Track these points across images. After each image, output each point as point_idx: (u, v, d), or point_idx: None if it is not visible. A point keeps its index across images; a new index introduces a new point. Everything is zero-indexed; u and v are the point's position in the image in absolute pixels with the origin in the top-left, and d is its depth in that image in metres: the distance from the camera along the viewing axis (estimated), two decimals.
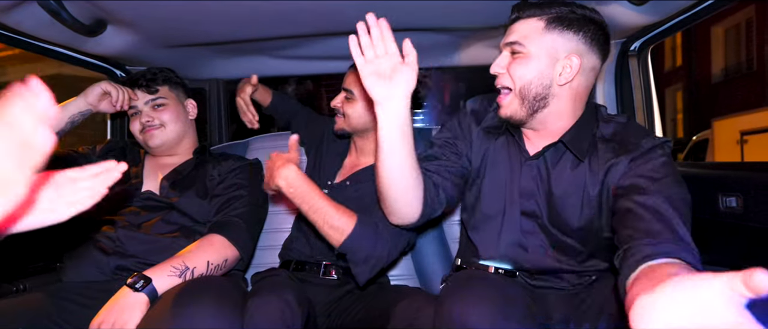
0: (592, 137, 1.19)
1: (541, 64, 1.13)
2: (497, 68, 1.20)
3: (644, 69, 1.71)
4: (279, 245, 1.74)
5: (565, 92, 1.16)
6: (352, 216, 1.30)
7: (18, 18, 1.34)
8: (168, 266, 1.23)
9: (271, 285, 1.32)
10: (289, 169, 1.32)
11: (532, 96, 1.15)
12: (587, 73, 1.17)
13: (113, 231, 1.42)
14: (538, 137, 1.24)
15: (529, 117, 1.18)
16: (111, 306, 1.14)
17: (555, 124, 1.19)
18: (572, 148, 1.17)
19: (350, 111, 1.57)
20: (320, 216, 1.29)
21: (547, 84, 1.14)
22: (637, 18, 1.47)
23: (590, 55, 1.15)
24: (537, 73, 1.14)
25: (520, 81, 1.15)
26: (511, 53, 1.18)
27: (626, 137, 1.16)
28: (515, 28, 1.17)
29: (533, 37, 1.14)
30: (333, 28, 1.72)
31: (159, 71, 1.62)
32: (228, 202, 1.50)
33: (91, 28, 1.50)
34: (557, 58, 1.13)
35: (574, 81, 1.15)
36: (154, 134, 1.56)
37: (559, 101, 1.16)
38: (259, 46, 1.90)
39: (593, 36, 1.14)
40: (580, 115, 1.20)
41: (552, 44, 1.13)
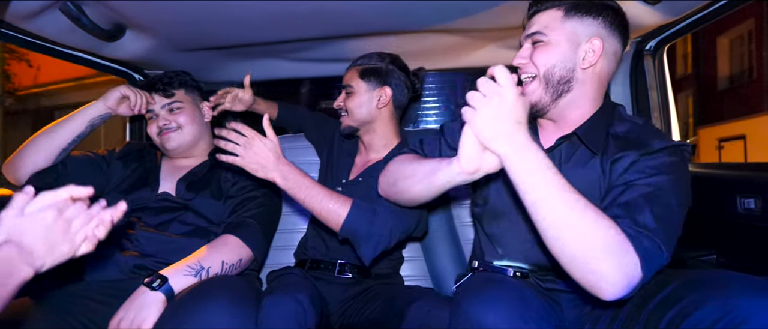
0: (607, 133, 1.18)
1: (563, 49, 1.15)
2: (520, 59, 1.21)
3: (660, 69, 1.69)
4: (293, 245, 1.76)
5: (588, 77, 1.16)
6: (348, 200, 1.32)
7: (41, 24, 1.37)
8: (184, 265, 1.26)
9: (285, 285, 1.34)
10: (284, 164, 1.31)
11: (557, 80, 1.16)
12: (609, 58, 1.17)
13: (132, 232, 1.45)
14: (555, 129, 1.23)
15: (553, 103, 1.18)
16: (129, 304, 1.16)
17: (574, 113, 1.19)
18: (586, 140, 1.16)
19: (352, 105, 1.62)
20: (317, 202, 1.31)
21: (570, 67, 1.15)
22: (652, 17, 1.45)
23: (611, 39, 1.16)
24: (560, 57, 1.15)
25: (543, 67, 1.16)
26: (532, 44, 1.19)
27: (640, 136, 1.15)
28: (535, 21, 1.19)
29: (553, 26, 1.15)
30: (346, 31, 1.73)
31: (175, 75, 1.65)
32: (242, 203, 1.52)
33: (110, 33, 1.53)
34: (579, 43, 1.14)
35: (598, 65, 1.16)
36: (170, 136, 1.59)
37: (583, 87, 1.17)
38: (273, 50, 1.92)
39: (612, 21, 1.16)
40: (598, 107, 1.20)
41: (572, 30, 1.14)
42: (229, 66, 2.13)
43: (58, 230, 0.86)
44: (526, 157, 0.93)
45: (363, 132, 1.66)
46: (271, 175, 1.29)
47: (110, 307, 1.24)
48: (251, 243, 1.41)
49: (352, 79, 1.64)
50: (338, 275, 1.56)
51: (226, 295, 1.11)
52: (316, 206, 1.31)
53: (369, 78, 1.62)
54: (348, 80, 1.65)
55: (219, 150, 1.69)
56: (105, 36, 1.52)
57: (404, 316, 1.24)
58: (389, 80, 1.63)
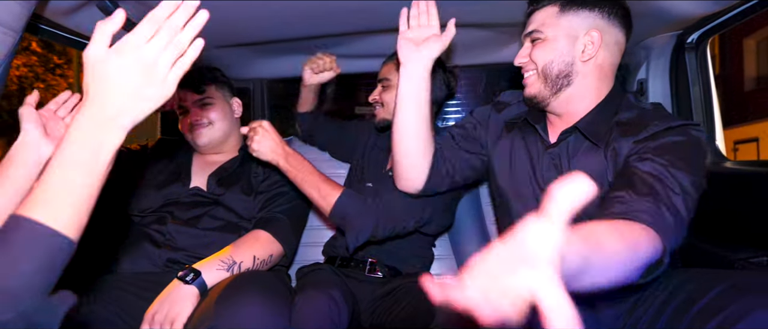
0: (611, 122, 1.16)
1: (561, 44, 1.15)
2: (520, 59, 1.24)
3: (702, 63, 1.62)
4: (321, 242, 1.76)
5: (589, 69, 1.16)
6: (340, 188, 1.42)
7: (78, 20, 1.40)
8: (217, 260, 1.26)
9: (317, 281, 1.34)
10: (290, 153, 1.44)
11: (555, 74, 1.16)
12: (611, 48, 1.17)
13: (163, 226, 1.47)
14: (561, 123, 1.23)
15: (553, 97, 1.19)
16: (164, 298, 1.17)
17: (578, 106, 1.19)
18: (587, 132, 1.15)
19: (388, 99, 1.62)
20: (312, 187, 1.41)
21: (569, 61, 1.15)
22: (695, 7, 1.39)
23: (611, 30, 1.16)
24: (557, 53, 1.16)
25: (541, 62, 1.17)
26: (531, 42, 1.21)
27: (643, 120, 1.12)
28: (532, 19, 1.21)
29: (550, 23, 1.16)
30: (374, 26, 1.72)
31: (206, 71, 1.66)
32: (272, 199, 1.53)
33: None
34: (577, 36, 1.15)
35: (599, 56, 1.15)
36: (201, 132, 1.60)
37: (584, 79, 1.16)
38: (302, 46, 1.92)
39: (610, 11, 1.15)
40: (602, 97, 1.19)
41: (569, 25, 1.15)
42: (259, 62, 2.14)
43: (142, 69, 0.70)
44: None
45: None
46: (275, 158, 1.41)
47: (143, 299, 1.25)
48: (281, 239, 1.42)
49: (389, 72, 1.63)
50: (368, 274, 1.55)
51: (260, 291, 1.11)
52: (310, 190, 1.41)
53: None
54: (385, 73, 1.64)
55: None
56: None
57: (435, 315, 1.22)
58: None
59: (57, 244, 0.64)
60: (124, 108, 0.69)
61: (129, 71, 0.69)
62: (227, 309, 1.06)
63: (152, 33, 0.71)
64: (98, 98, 0.68)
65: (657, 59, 1.67)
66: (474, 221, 1.82)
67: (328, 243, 1.72)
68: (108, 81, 0.68)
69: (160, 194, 1.54)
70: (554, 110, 1.22)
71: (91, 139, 0.67)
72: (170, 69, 0.72)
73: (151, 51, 0.70)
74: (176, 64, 0.73)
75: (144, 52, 0.70)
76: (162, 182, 1.58)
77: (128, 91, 0.69)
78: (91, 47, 0.69)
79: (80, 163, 0.66)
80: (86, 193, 0.66)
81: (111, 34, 0.71)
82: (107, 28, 0.70)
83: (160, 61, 0.71)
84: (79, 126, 0.67)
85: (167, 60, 0.72)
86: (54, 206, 0.64)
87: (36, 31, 1.36)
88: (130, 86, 0.69)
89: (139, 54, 0.69)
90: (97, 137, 0.67)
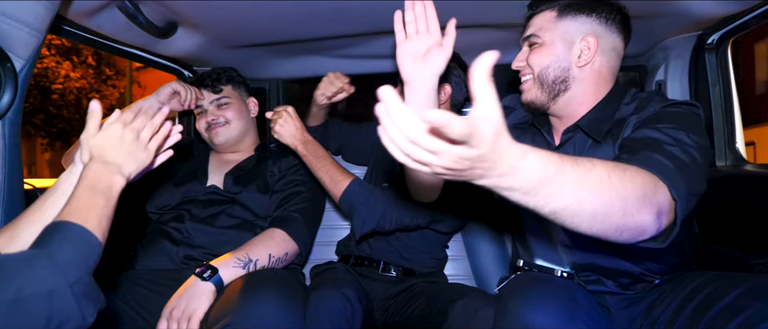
0: (613, 119, 1.16)
1: (557, 49, 1.16)
2: (517, 63, 1.24)
3: (723, 65, 1.59)
4: (336, 241, 1.76)
5: (586, 74, 1.16)
6: (350, 176, 1.48)
7: (99, 21, 1.43)
8: (233, 257, 1.28)
9: (331, 280, 1.35)
10: (309, 139, 1.51)
11: (551, 80, 1.17)
12: (608, 54, 1.17)
13: (181, 224, 1.49)
14: (563, 124, 1.23)
15: (551, 101, 1.19)
16: (181, 294, 1.19)
17: (578, 109, 1.19)
18: (589, 130, 1.16)
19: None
20: (325, 173, 1.48)
21: (565, 67, 1.16)
22: (716, 8, 1.37)
23: (608, 35, 1.16)
24: (553, 58, 1.16)
25: (537, 67, 1.18)
26: (529, 46, 1.21)
27: (642, 104, 1.13)
28: (531, 24, 1.22)
29: (547, 27, 1.17)
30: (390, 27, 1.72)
31: (223, 71, 1.69)
32: (288, 198, 1.54)
33: (163, 30, 1.58)
34: (573, 41, 1.15)
35: (595, 61, 1.16)
36: (218, 131, 1.62)
37: (582, 84, 1.17)
38: (318, 46, 1.93)
39: (607, 16, 1.15)
40: (602, 97, 1.19)
41: (566, 30, 1.16)
42: (275, 63, 2.16)
43: (129, 141, 0.97)
44: (516, 180, 0.68)
45: None
46: (295, 142, 1.49)
47: (160, 295, 1.28)
48: (297, 238, 1.43)
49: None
50: (382, 273, 1.55)
51: (276, 289, 1.12)
52: (323, 176, 1.48)
53: None
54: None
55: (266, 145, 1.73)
56: (158, 33, 1.57)
57: (448, 314, 1.22)
58: (449, 78, 1.61)
59: (93, 242, 0.82)
60: (122, 163, 0.95)
61: (123, 140, 0.97)
62: (243, 305, 1.07)
63: (132, 118, 1.00)
64: (103, 156, 0.95)
65: (676, 60, 1.65)
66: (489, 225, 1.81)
67: (341, 242, 1.73)
68: (109, 147, 0.96)
69: (178, 192, 1.56)
70: (555, 113, 1.23)
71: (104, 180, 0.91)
72: (150, 142, 1.01)
73: (135, 127, 0.99)
74: (154, 138, 1.03)
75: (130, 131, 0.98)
76: (180, 180, 1.60)
77: (123, 153, 0.96)
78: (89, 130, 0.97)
79: (97, 192, 0.88)
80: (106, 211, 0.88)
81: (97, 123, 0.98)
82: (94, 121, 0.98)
83: (143, 136, 1.00)
84: (90, 174, 0.90)
85: (146, 135, 1.01)
86: (83, 215, 0.83)
87: (59, 32, 1.40)
88: (122, 150, 0.96)
89: (128, 133, 0.98)
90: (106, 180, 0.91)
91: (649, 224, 0.81)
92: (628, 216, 0.78)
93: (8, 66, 1.06)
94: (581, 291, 1.09)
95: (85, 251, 0.80)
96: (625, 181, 0.78)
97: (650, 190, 0.81)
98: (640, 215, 0.79)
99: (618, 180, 0.77)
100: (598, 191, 0.75)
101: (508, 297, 1.01)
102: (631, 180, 0.79)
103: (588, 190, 0.74)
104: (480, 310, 1.17)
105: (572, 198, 0.73)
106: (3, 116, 1.08)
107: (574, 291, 1.03)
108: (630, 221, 0.79)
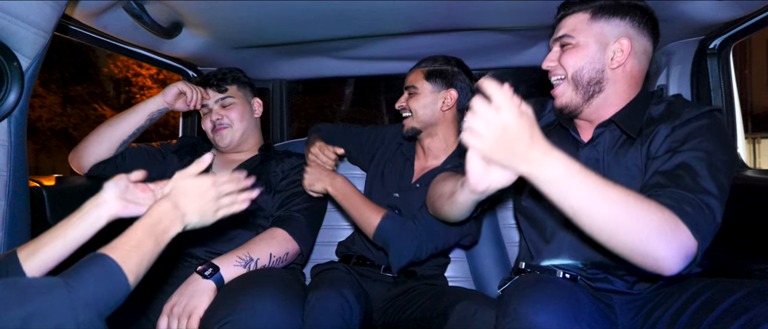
0: (644, 117, 1.17)
1: (591, 51, 1.16)
2: (549, 63, 1.23)
3: (725, 69, 1.59)
4: (337, 241, 1.77)
5: (619, 76, 1.17)
6: (381, 211, 1.46)
7: (105, 21, 1.44)
8: (234, 256, 1.29)
9: (330, 280, 1.35)
10: (337, 179, 1.52)
11: (586, 81, 1.17)
12: (639, 56, 1.18)
13: None
14: (591, 125, 1.24)
15: (585, 104, 1.19)
16: (182, 291, 1.20)
17: (609, 110, 1.19)
18: (623, 126, 1.16)
19: (416, 106, 1.60)
20: (356, 211, 1.48)
21: (599, 68, 1.16)
22: (719, 13, 1.37)
23: (640, 38, 1.16)
24: (588, 59, 1.16)
25: (572, 69, 1.18)
26: (560, 47, 1.21)
27: (670, 110, 1.15)
28: (563, 24, 1.21)
29: (581, 29, 1.17)
30: (393, 30, 1.73)
31: (228, 71, 1.70)
32: (290, 198, 1.55)
33: (168, 30, 1.59)
34: (607, 43, 1.15)
35: (627, 64, 1.16)
36: (223, 134, 1.64)
37: (614, 85, 1.17)
38: (322, 47, 1.95)
39: (640, 20, 1.16)
40: (633, 97, 1.20)
41: (600, 32, 1.16)
42: (280, 63, 2.17)
43: (209, 199, 0.99)
44: (550, 171, 0.85)
45: (424, 135, 1.64)
46: (323, 186, 1.52)
47: (162, 292, 1.29)
48: (298, 237, 1.44)
49: (416, 80, 1.61)
50: (383, 273, 1.56)
51: (274, 287, 1.13)
52: (354, 213, 1.48)
53: (435, 80, 1.60)
54: (412, 81, 1.62)
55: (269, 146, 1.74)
56: (163, 34, 1.59)
57: (448, 316, 1.23)
58: (455, 83, 1.60)
59: (121, 282, 0.81)
60: (189, 213, 0.97)
61: (204, 196, 0.99)
62: (243, 304, 1.09)
63: (225, 181, 1.03)
64: (180, 201, 0.96)
65: (678, 65, 1.65)
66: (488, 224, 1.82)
67: (342, 243, 1.74)
68: (189, 195, 0.97)
69: None
70: (586, 117, 1.23)
71: (164, 223, 0.92)
72: (222, 208, 1.03)
73: (218, 191, 1.01)
74: (225, 207, 1.04)
75: (215, 190, 1.01)
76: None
77: (196, 206, 0.98)
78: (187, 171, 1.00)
79: (152, 234, 0.89)
80: (149, 256, 0.88)
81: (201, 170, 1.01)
82: (198, 167, 1.01)
83: (221, 201, 1.02)
84: (160, 209, 0.93)
85: (225, 202, 1.03)
86: (127, 255, 0.84)
87: (66, 31, 1.42)
88: (198, 203, 0.98)
89: (213, 191, 1.00)
90: (166, 223, 0.93)
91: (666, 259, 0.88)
92: (639, 241, 0.86)
93: (15, 65, 1.08)
94: (584, 293, 1.10)
95: (110, 291, 0.79)
96: (643, 208, 0.87)
97: (670, 229, 0.88)
98: (655, 245, 0.87)
99: (635, 204, 0.87)
100: (613, 202, 0.86)
101: (511, 297, 1.01)
102: (650, 211, 0.87)
103: (602, 196, 0.85)
104: (479, 313, 1.18)
105: (588, 199, 0.85)
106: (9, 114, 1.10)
107: (576, 292, 1.04)
108: (640, 247, 0.87)
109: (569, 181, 0.85)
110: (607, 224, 0.87)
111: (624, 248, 0.88)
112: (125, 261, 0.82)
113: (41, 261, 0.92)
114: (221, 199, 1.02)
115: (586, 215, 0.87)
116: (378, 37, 1.82)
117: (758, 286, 0.92)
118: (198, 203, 0.98)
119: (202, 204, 0.98)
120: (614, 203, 0.86)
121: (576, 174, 0.85)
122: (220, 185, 1.01)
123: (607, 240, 0.89)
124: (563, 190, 0.86)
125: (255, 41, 1.84)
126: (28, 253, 0.92)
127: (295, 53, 2.04)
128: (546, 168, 0.85)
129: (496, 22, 1.66)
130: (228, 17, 1.57)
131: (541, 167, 0.85)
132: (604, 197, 0.86)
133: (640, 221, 0.86)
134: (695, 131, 1.06)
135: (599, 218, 0.86)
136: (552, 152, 0.85)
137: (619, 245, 0.88)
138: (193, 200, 0.97)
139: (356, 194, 1.51)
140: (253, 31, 1.72)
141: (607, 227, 0.87)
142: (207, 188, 0.99)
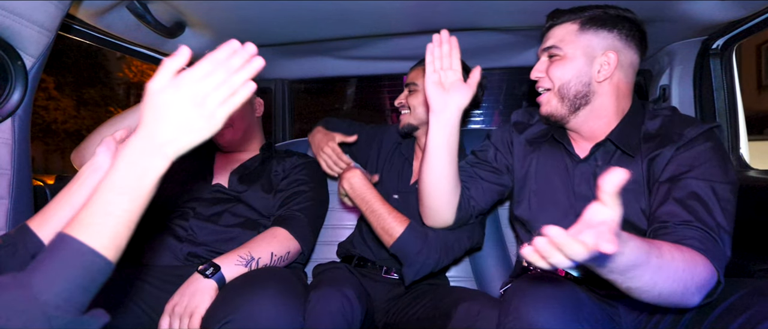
0: (640, 133, 1.18)
1: (579, 63, 1.17)
2: (536, 73, 1.25)
3: (728, 70, 1.59)
4: (337, 241, 1.77)
5: (605, 89, 1.18)
6: (404, 222, 1.40)
7: (108, 21, 1.45)
8: (235, 255, 1.29)
9: (332, 279, 1.35)
10: (355, 176, 1.48)
11: (573, 94, 1.18)
12: (626, 69, 1.19)
13: (186, 221, 1.51)
14: (584, 140, 1.24)
15: (571, 115, 1.21)
16: (184, 290, 1.21)
17: (598, 122, 1.20)
18: (620, 143, 1.17)
19: (415, 103, 1.61)
20: (376, 218, 1.42)
21: (586, 81, 1.17)
22: (722, 13, 1.37)
23: (627, 51, 1.17)
24: (575, 72, 1.17)
25: (558, 81, 1.19)
26: (548, 57, 1.22)
27: (671, 128, 1.15)
28: (551, 34, 1.22)
29: (569, 40, 1.18)
30: (395, 29, 1.73)
31: None
32: (291, 197, 1.56)
33: (171, 30, 1.60)
34: (594, 56, 1.16)
35: (614, 77, 1.17)
36: (223, 133, 1.64)
37: (601, 98, 1.18)
38: (323, 47, 1.95)
39: (628, 33, 1.17)
40: (625, 111, 1.20)
41: (588, 44, 1.16)
42: (281, 63, 2.18)
43: (194, 104, 0.73)
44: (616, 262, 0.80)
45: (421, 133, 1.65)
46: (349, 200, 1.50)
47: (164, 291, 1.29)
48: (299, 237, 1.44)
49: (416, 77, 1.63)
50: (385, 274, 1.56)
51: (276, 287, 1.13)
52: (374, 220, 1.43)
53: None
54: (412, 79, 1.64)
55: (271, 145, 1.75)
56: (166, 33, 1.59)
57: (451, 316, 1.23)
58: None
59: (96, 264, 0.67)
60: (172, 138, 0.72)
61: (181, 104, 0.72)
62: (244, 303, 1.09)
63: (209, 71, 0.74)
64: (150, 126, 0.72)
65: (680, 65, 1.65)
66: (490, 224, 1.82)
67: (343, 243, 1.74)
68: (161, 111, 0.72)
69: (183, 190, 1.58)
70: (574, 128, 1.24)
71: (137, 164, 0.71)
72: (219, 106, 0.74)
73: (205, 87, 0.73)
74: (226, 103, 0.75)
75: (198, 88, 0.73)
76: (185, 178, 1.62)
77: (178, 122, 0.72)
78: (155, 80, 0.73)
79: (124, 188, 0.70)
80: (127, 218, 0.70)
81: (175, 70, 0.74)
82: (172, 64, 0.74)
83: (211, 98, 0.73)
84: (128, 151, 0.71)
85: (218, 97, 0.74)
86: (96, 229, 0.67)
87: (69, 30, 1.42)
88: (180, 117, 0.72)
89: (193, 89, 0.72)
90: (142, 162, 0.71)
91: (695, 302, 0.93)
92: (684, 298, 0.90)
93: (19, 64, 1.08)
94: (586, 293, 1.11)
95: (84, 277, 0.66)
96: (692, 274, 0.89)
97: (707, 282, 0.92)
98: (693, 298, 0.91)
99: (685, 272, 0.88)
100: (671, 280, 0.87)
101: (514, 296, 1.02)
102: (695, 271, 0.90)
103: (663, 278, 0.86)
104: (483, 313, 1.18)
105: (649, 282, 0.85)
106: (13, 113, 1.10)
107: (579, 292, 1.05)
108: (681, 301, 0.91)
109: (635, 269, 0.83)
110: (659, 295, 0.88)
111: (663, 302, 0.90)
112: (96, 236, 0.67)
113: (54, 228, 0.90)
114: (211, 96, 0.73)
115: (641, 293, 0.88)
116: (380, 37, 1.82)
117: (759, 285, 0.92)
118: (179, 116, 0.71)
119: (186, 115, 0.72)
120: (672, 281, 0.87)
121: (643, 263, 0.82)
122: (204, 77, 0.73)
123: (649, 299, 0.90)
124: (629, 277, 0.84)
125: (257, 41, 1.82)
126: (39, 223, 0.91)
127: (297, 53, 2.05)
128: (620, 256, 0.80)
129: (496, 22, 1.66)
130: (231, 17, 1.57)
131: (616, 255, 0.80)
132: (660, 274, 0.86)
133: (688, 285, 0.89)
134: (700, 155, 1.07)
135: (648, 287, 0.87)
136: (628, 242, 0.80)
137: (662, 301, 0.90)
138: (171, 115, 0.71)
139: (376, 197, 1.46)
140: (256, 30, 1.72)
141: (654, 292, 0.88)
142: (186, 92, 0.72)
